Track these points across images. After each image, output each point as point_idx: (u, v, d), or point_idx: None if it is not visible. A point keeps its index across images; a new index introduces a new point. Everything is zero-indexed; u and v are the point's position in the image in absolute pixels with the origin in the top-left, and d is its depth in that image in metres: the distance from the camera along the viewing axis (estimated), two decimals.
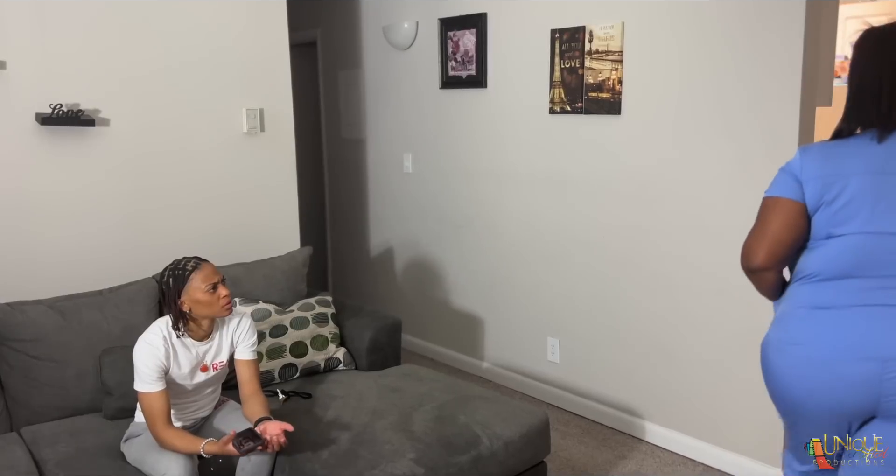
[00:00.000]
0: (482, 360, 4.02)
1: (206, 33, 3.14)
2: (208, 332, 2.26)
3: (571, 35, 3.22)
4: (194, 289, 2.14)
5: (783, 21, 2.57)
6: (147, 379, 2.11)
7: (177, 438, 2.06)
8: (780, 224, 1.71)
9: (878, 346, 1.58)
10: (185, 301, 2.15)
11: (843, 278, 1.65)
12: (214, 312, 2.18)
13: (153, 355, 2.12)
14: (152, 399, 2.10)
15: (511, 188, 3.66)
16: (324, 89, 4.93)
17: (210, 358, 2.27)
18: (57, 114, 2.71)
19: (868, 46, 1.70)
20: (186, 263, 2.19)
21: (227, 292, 2.20)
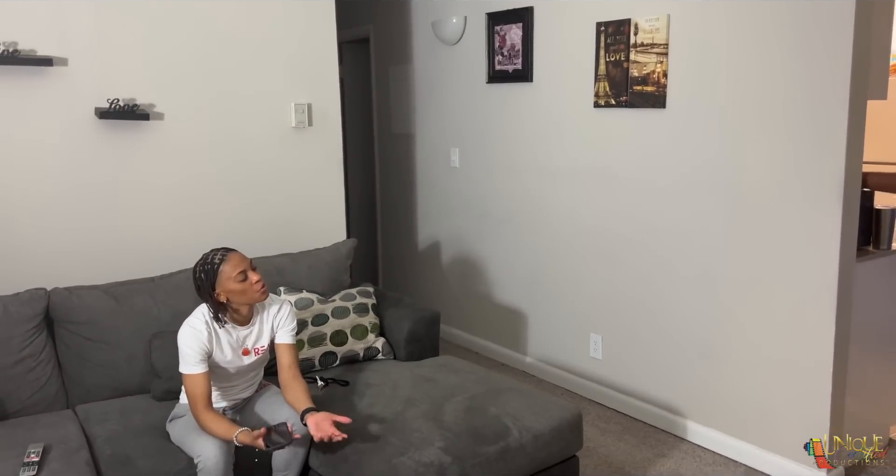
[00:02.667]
0: (525, 355, 4.02)
1: (257, 30, 3.23)
2: (249, 317, 2.33)
3: (616, 28, 3.19)
4: (226, 279, 2.20)
5: (832, 11, 2.49)
6: (191, 360, 2.19)
7: (214, 423, 2.13)
8: None
9: None
10: (221, 292, 2.22)
11: None
12: (250, 298, 2.25)
13: (196, 338, 2.21)
14: (195, 381, 2.18)
15: (555, 183, 3.65)
16: (375, 85, 5.00)
17: (252, 342, 2.35)
18: (114, 108, 2.84)
19: None
20: (214, 257, 2.24)
21: (259, 277, 2.25)
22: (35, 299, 2.57)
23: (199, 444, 2.12)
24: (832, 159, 2.56)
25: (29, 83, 2.72)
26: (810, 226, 2.65)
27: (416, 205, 4.70)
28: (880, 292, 2.91)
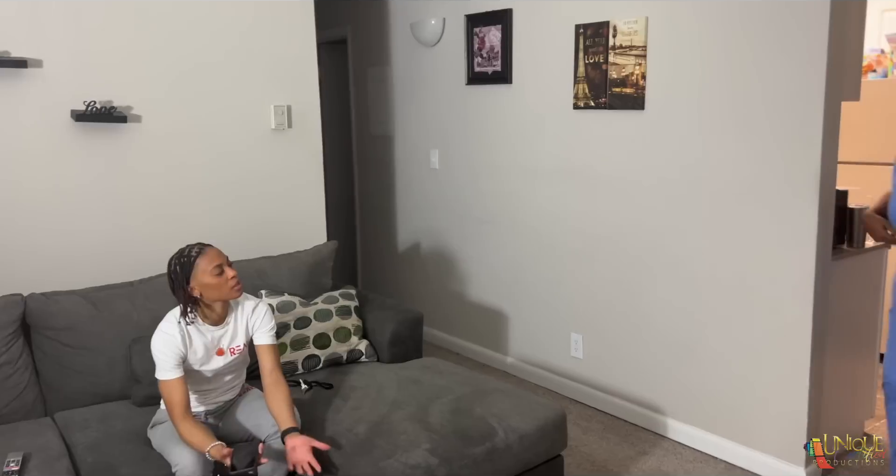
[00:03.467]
0: (506, 355, 4.04)
1: (236, 31, 3.21)
2: (223, 317, 2.30)
3: (595, 30, 3.22)
4: (202, 273, 2.18)
5: (808, 14, 2.54)
6: (165, 366, 2.16)
7: (190, 433, 2.09)
8: None
9: None
10: (195, 286, 2.19)
11: None
12: (224, 294, 2.22)
13: (169, 343, 2.18)
14: (171, 386, 2.15)
15: (535, 184, 3.67)
16: (354, 86, 4.99)
17: (226, 342, 2.31)
18: (90, 110, 2.80)
19: None
20: (191, 250, 2.23)
21: (235, 273, 2.23)
22: (11, 305, 2.52)
23: (177, 452, 2.10)
24: (808, 159, 2.61)
25: (2, 85, 2.67)
26: (787, 225, 2.69)
27: (395, 206, 4.70)
28: (854, 290, 2.97)
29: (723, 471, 2.95)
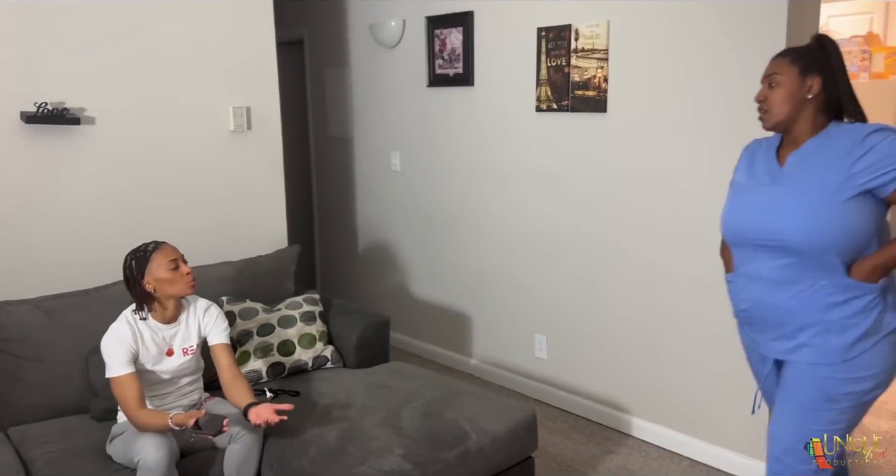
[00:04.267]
0: (470, 357, 4.03)
1: (193, 31, 3.13)
2: (175, 315, 2.31)
3: (557, 33, 3.24)
4: (157, 267, 2.21)
5: (765, 19, 2.60)
6: (115, 363, 2.15)
7: (149, 417, 2.10)
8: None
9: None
10: (150, 281, 2.21)
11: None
12: (179, 290, 2.24)
13: (119, 339, 2.18)
14: (123, 382, 2.13)
15: (498, 186, 3.68)
16: (311, 87, 4.92)
17: (178, 342, 2.31)
18: (42, 112, 2.69)
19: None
20: (147, 246, 2.28)
21: (189, 269, 2.27)
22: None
23: (140, 442, 2.06)
24: None
25: None
26: None
27: (355, 209, 4.65)
28: None
29: (687, 468, 3.00)
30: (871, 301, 1.81)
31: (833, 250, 1.79)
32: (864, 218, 1.78)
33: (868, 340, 1.82)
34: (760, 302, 1.94)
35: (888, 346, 1.83)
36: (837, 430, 1.88)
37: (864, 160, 1.75)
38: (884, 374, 1.84)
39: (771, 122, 1.92)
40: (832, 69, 1.83)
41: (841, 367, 1.83)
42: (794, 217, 1.82)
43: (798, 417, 1.92)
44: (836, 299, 1.82)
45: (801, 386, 1.90)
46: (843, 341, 1.83)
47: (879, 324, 1.81)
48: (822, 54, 1.85)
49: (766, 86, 1.92)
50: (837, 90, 1.83)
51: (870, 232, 1.80)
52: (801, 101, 1.85)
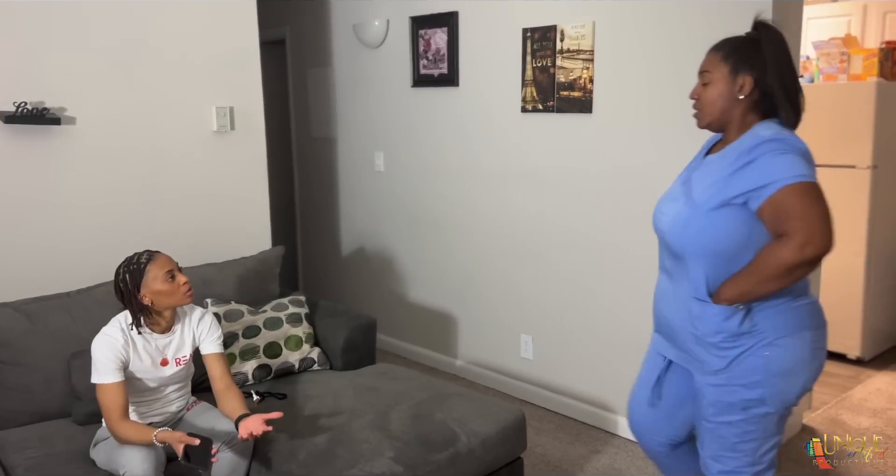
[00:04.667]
0: (455, 358, 4.03)
1: (175, 30, 3.09)
2: (169, 325, 2.25)
3: (543, 34, 3.24)
4: (152, 279, 2.13)
5: (751, 18, 2.61)
6: (104, 369, 2.09)
7: (131, 429, 2.03)
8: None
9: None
10: (146, 294, 2.14)
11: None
12: (176, 301, 2.18)
13: (111, 345, 2.11)
14: (109, 390, 2.08)
15: (483, 186, 3.68)
16: (293, 88, 4.89)
17: (172, 352, 2.25)
18: (21, 112, 2.64)
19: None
20: (140, 257, 2.19)
21: (186, 279, 2.20)
22: None
23: (125, 454, 2.01)
24: None
25: None
26: None
27: (338, 209, 4.62)
28: None
29: None
30: (728, 310, 1.74)
31: (698, 258, 1.75)
32: (730, 229, 1.71)
33: (736, 349, 1.75)
34: (664, 296, 1.92)
35: (763, 356, 1.74)
36: (748, 442, 1.81)
37: (742, 171, 1.68)
38: (768, 385, 1.75)
39: (703, 121, 1.85)
40: (766, 65, 1.73)
41: (718, 377, 1.79)
42: (672, 220, 1.80)
43: (704, 430, 1.89)
44: (696, 309, 1.78)
45: (700, 393, 1.87)
46: (712, 351, 1.78)
47: (751, 332, 1.74)
48: (757, 48, 1.74)
49: (699, 83, 1.83)
50: (771, 88, 1.73)
51: (738, 245, 1.72)
52: (733, 101, 1.77)
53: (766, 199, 1.64)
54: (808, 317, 1.77)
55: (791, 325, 1.74)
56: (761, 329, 1.73)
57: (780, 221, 1.64)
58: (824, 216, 1.64)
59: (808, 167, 1.67)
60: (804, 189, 1.63)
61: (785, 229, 1.64)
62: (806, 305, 1.78)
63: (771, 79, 1.72)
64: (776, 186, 1.63)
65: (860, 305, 4.02)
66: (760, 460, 1.82)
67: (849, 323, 4.06)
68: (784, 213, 1.63)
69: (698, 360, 1.83)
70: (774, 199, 1.63)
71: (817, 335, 1.78)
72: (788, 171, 1.63)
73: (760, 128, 1.74)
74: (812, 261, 1.64)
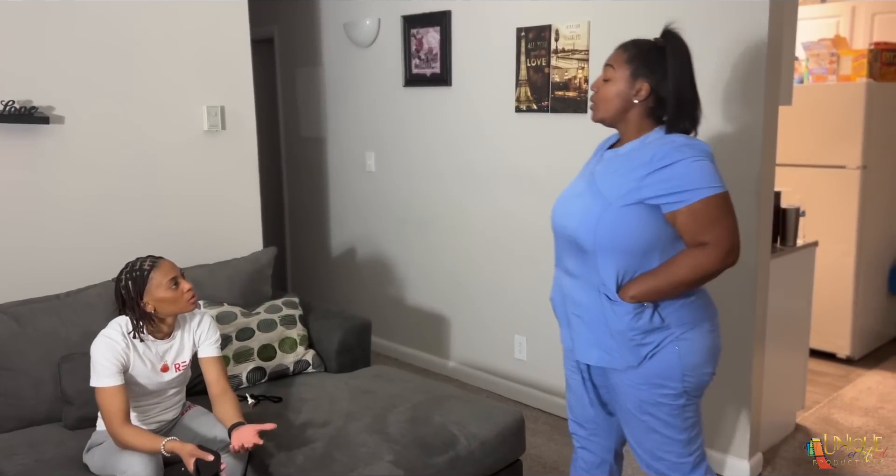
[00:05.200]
0: (448, 359, 4.00)
1: (165, 27, 3.04)
2: (170, 331, 2.20)
3: (537, 34, 3.23)
4: (156, 287, 2.08)
5: (747, 20, 2.62)
6: (104, 372, 2.03)
7: (136, 436, 1.98)
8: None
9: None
10: (149, 302, 2.09)
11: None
12: (180, 308, 2.13)
13: (112, 348, 2.06)
14: (110, 394, 2.02)
15: (476, 187, 3.66)
16: (281, 87, 4.84)
17: (171, 357, 2.20)
18: (9, 111, 2.58)
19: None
20: (143, 263, 2.13)
21: (190, 285, 2.15)
22: None
23: (125, 460, 1.96)
24: (748, 162, 2.69)
25: None
26: None
27: (328, 210, 4.59)
28: (787, 286, 3.10)
29: None
30: (637, 307, 1.79)
31: (609, 254, 1.78)
32: (642, 227, 1.75)
33: (648, 346, 1.80)
34: (567, 296, 1.92)
35: (674, 351, 1.80)
36: (680, 432, 1.87)
37: (657, 175, 1.71)
38: (684, 378, 1.81)
39: (597, 116, 1.88)
40: (665, 74, 1.76)
41: (635, 374, 1.83)
42: (581, 216, 1.82)
43: (634, 427, 1.93)
44: (607, 306, 1.81)
45: (621, 394, 1.90)
46: (626, 346, 1.82)
47: (661, 328, 1.79)
48: (661, 56, 1.77)
49: (601, 77, 1.85)
50: (666, 97, 1.77)
51: (648, 243, 1.77)
52: (629, 103, 1.80)
53: (684, 206, 1.70)
54: (703, 308, 1.86)
55: (693, 318, 1.82)
56: (668, 324, 1.80)
57: (699, 230, 1.71)
58: (737, 228, 1.75)
59: (720, 176, 1.74)
60: (721, 200, 1.71)
61: (705, 238, 1.71)
62: (701, 297, 1.86)
63: (668, 89, 1.76)
64: (696, 195, 1.69)
65: (850, 305, 4.05)
66: (692, 449, 1.91)
67: (838, 322, 4.08)
68: (704, 222, 1.70)
69: (613, 357, 1.85)
70: (694, 208, 1.70)
71: (714, 324, 1.88)
72: (706, 181, 1.70)
73: (673, 134, 1.79)
74: (728, 268, 1.76)
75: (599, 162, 1.89)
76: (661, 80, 1.77)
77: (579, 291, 1.87)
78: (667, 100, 1.77)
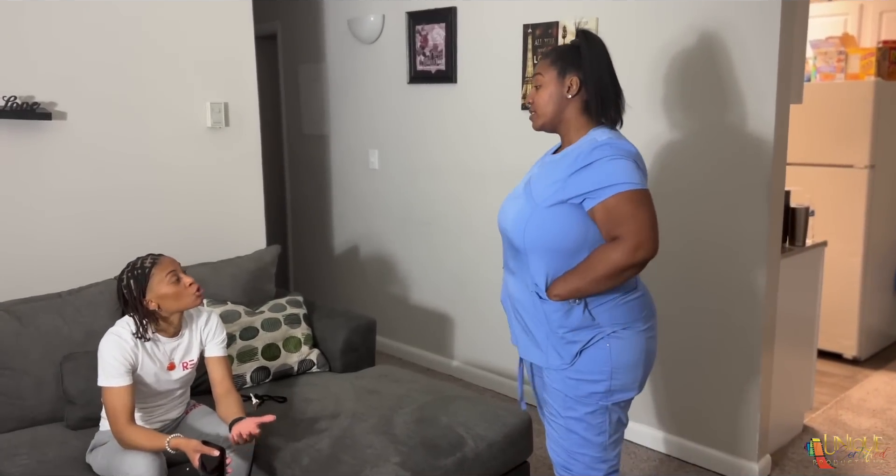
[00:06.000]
0: (452, 359, 3.97)
1: (169, 24, 3.01)
2: (178, 329, 2.18)
3: (544, 30, 3.20)
4: (158, 283, 2.06)
5: (760, 19, 2.59)
6: (113, 372, 2.01)
7: (141, 435, 1.96)
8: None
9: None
10: (152, 299, 2.07)
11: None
12: (184, 303, 2.11)
13: (121, 347, 2.03)
14: (118, 394, 2.00)
15: (481, 185, 3.62)
16: (284, 84, 4.81)
17: (179, 356, 2.18)
18: (10, 106, 2.55)
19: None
20: (143, 261, 2.11)
21: (192, 280, 2.13)
22: None
23: (128, 461, 1.93)
24: (760, 161, 2.66)
25: None
26: (738, 225, 2.75)
27: (331, 208, 4.55)
28: (795, 286, 3.07)
29: (677, 468, 2.98)
30: (565, 305, 1.82)
31: (538, 254, 1.82)
32: (568, 226, 1.79)
33: (578, 343, 1.84)
34: (511, 295, 1.95)
35: (605, 349, 1.83)
36: (597, 435, 1.90)
37: (580, 173, 1.77)
38: (613, 377, 1.84)
39: (538, 123, 1.93)
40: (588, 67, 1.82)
41: (566, 372, 1.86)
42: (514, 217, 1.88)
43: (556, 425, 1.97)
44: (539, 305, 1.85)
45: (549, 391, 1.94)
46: (559, 344, 1.85)
47: (591, 325, 1.83)
48: (580, 53, 1.84)
49: (533, 88, 1.91)
50: (590, 87, 1.82)
51: (576, 242, 1.80)
52: (564, 102, 1.85)
53: (599, 202, 1.75)
54: (638, 309, 1.87)
55: (626, 317, 1.85)
56: (599, 322, 1.83)
57: (613, 225, 1.75)
58: (653, 222, 1.76)
59: (639, 173, 1.78)
60: (635, 196, 1.74)
61: (618, 233, 1.75)
62: (637, 298, 1.88)
63: (590, 78, 1.82)
64: (609, 192, 1.73)
65: (857, 305, 4.02)
66: (608, 457, 1.93)
67: (845, 323, 4.05)
68: (616, 217, 1.74)
69: (548, 356, 1.89)
70: (607, 203, 1.74)
71: (649, 325, 1.90)
72: (621, 178, 1.74)
73: (596, 132, 1.83)
74: (641, 263, 1.76)
75: (539, 167, 1.95)
76: (586, 73, 1.83)
77: (519, 289, 1.92)
78: (590, 92, 1.83)
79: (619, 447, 1.97)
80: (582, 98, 1.84)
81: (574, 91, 1.83)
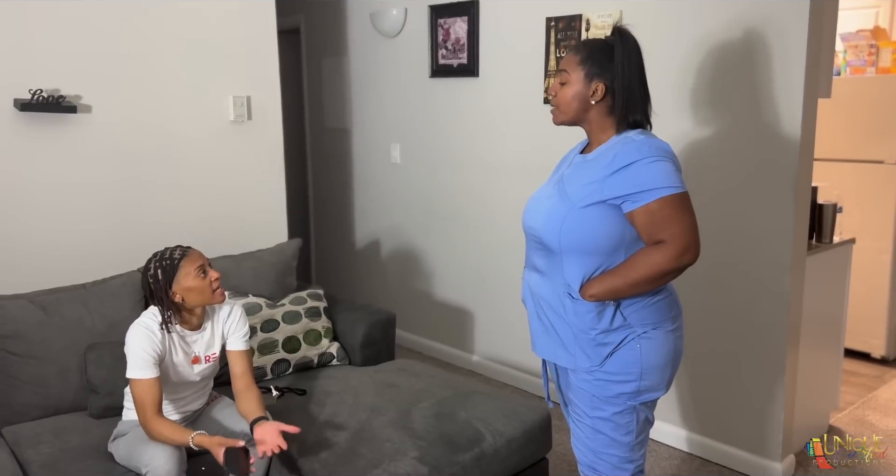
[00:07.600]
0: (472, 354, 3.97)
1: (192, 18, 3.02)
2: (200, 322, 2.19)
3: (567, 23, 3.16)
4: (185, 276, 2.06)
5: (787, 12, 2.54)
6: (142, 364, 2.01)
7: (167, 428, 1.97)
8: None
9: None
10: (177, 291, 2.07)
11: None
12: (207, 299, 2.11)
13: (150, 339, 2.04)
14: (146, 386, 2.00)
15: (502, 179, 3.60)
16: (307, 78, 4.82)
17: (202, 349, 2.19)
18: (37, 100, 2.58)
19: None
20: (173, 252, 2.11)
21: (218, 275, 2.12)
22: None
23: (149, 452, 1.95)
24: (787, 156, 2.61)
25: None
26: (765, 221, 2.70)
27: (353, 202, 4.56)
28: (822, 284, 3.01)
29: (699, 467, 2.95)
30: (598, 306, 1.79)
31: (573, 254, 1.79)
32: (605, 227, 1.76)
33: (610, 345, 1.81)
34: (535, 293, 1.92)
35: (636, 349, 1.80)
36: (624, 435, 1.87)
37: (617, 175, 1.73)
38: (643, 377, 1.82)
39: (558, 119, 1.89)
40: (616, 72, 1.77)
41: (595, 373, 1.83)
42: (546, 217, 1.84)
43: (582, 425, 1.93)
44: (569, 305, 1.82)
45: (575, 391, 1.90)
46: (589, 346, 1.82)
47: (622, 327, 1.80)
48: (612, 54, 1.78)
49: (558, 81, 1.86)
50: (617, 93, 1.78)
51: (612, 243, 1.78)
52: (587, 104, 1.81)
53: (641, 206, 1.72)
54: (667, 309, 1.85)
55: (655, 317, 1.82)
56: (630, 323, 1.81)
57: (656, 229, 1.73)
58: (695, 226, 1.75)
59: (679, 175, 1.75)
60: (679, 200, 1.72)
61: (662, 237, 1.73)
62: (665, 298, 1.86)
63: (619, 85, 1.78)
64: (653, 195, 1.71)
65: (885, 304, 3.94)
66: (635, 456, 1.90)
67: (873, 322, 3.98)
68: (660, 221, 1.72)
69: (576, 358, 1.86)
70: (650, 207, 1.71)
71: (677, 324, 1.88)
72: (664, 181, 1.71)
73: (633, 133, 1.79)
74: (684, 268, 1.76)
75: (569, 166, 1.91)
76: (615, 77, 1.78)
77: (546, 290, 1.88)
78: (618, 98, 1.79)
79: (645, 447, 1.95)
80: (607, 103, 1.80)
81: (598, 97, 1.79)
